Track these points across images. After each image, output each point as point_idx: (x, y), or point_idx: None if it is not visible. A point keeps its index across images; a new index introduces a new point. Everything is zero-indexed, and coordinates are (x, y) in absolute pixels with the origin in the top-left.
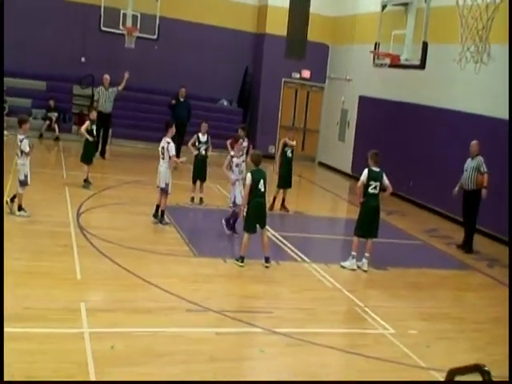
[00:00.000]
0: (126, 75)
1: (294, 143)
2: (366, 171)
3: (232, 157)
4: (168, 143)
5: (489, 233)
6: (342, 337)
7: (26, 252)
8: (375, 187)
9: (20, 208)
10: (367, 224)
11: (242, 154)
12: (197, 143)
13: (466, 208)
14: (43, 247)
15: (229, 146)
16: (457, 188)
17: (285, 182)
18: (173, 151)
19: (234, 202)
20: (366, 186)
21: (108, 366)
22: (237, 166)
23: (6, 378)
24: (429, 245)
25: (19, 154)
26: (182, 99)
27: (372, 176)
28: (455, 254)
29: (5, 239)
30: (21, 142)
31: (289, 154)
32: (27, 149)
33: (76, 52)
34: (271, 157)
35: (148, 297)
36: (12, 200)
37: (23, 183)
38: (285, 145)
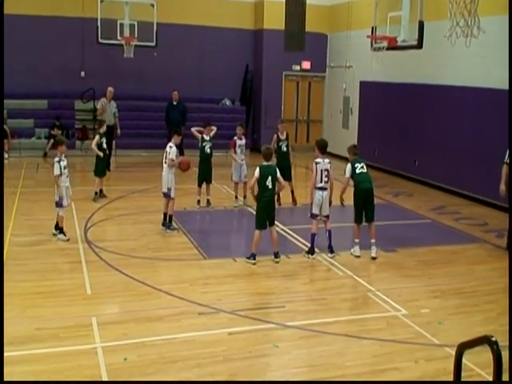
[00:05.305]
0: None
1: (284, 137)
2: (348, 165)
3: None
4: (170, 147)
5: (498, 204)
6: (355, 323)
7: (35, 273)
8: (362, 167)
9: (61, 231)
10: (361, 208)
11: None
12: (200, 143)
13: None
14: (52, 266)
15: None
16: (503, 185)
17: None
18: (172, 155)
19: None
20: (353, 171)
21: (122, 378)
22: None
23: None
24: (437, 222)
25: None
26: (175, 103)
27: (354, 162)
28: (464, 228)
29: (12, 262)
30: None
31: (283, 148)
32: (56, 172)
33: (75, 67)
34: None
35: (159, 304)
36: (56, 228)
37: (57, 205)
38: (278, 139)
